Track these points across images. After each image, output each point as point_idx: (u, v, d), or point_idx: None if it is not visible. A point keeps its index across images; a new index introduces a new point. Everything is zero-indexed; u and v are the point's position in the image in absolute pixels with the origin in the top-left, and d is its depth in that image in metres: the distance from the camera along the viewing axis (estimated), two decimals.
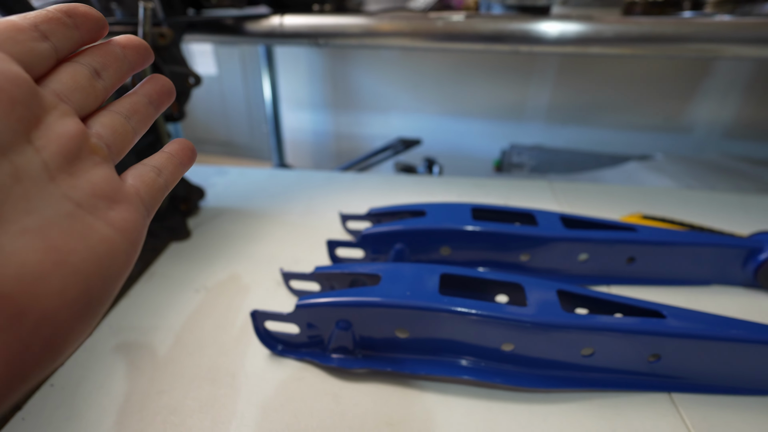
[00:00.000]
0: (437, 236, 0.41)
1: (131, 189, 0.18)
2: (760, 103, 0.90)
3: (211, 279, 0.42)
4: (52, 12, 0.17)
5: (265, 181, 0.63)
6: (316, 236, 0.48)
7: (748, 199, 0.55)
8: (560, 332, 0.29)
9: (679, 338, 0.29)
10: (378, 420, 0.28)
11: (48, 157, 0.16)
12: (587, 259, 0.40)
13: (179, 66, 0.51)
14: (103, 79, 0.18)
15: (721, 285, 0.40)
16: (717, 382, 0.30)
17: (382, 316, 0.31)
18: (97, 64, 0.18)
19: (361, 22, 0.53)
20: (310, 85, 1.21)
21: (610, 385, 0.30)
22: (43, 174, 0.15)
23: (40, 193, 0.15)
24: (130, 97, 0.20)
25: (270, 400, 0.30)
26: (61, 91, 0.17)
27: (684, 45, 0.44)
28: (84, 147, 0.17)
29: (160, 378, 0.32)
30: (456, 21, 0.49)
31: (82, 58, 0.18)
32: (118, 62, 0.19)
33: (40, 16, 0.17)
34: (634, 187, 0.61)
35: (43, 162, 0.15)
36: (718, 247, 0.39)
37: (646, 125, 1.01)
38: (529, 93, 1.05)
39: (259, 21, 0.57)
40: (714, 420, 0.28)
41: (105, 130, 0.18)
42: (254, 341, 0.34)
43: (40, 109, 0.16)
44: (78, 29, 0.17)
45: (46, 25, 0.17)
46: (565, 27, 0.47)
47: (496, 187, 0.59)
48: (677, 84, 0.95)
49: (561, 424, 0.28)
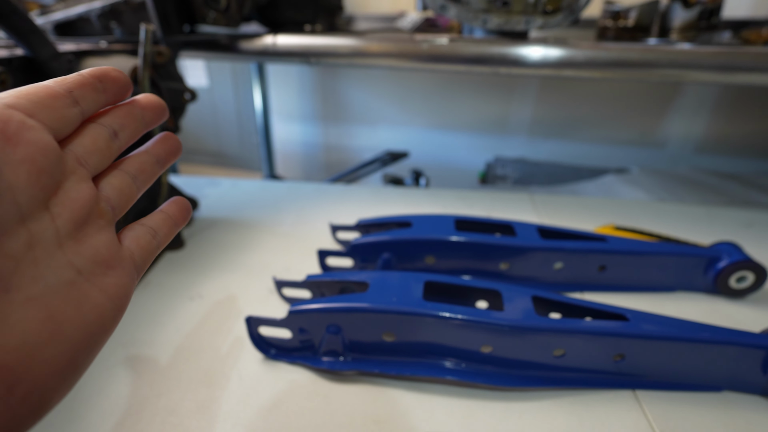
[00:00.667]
0: (422, 246, 0.44)
1: (127, 253, 0.18)
2: (726, 121, 0.95)
3: (205, 287, 0.44)
4: (87, 78, 0.18)
5: (257, 192, 0.65)
6: (307, 246, 0.50)
7: (712, 211, 0.59)
8: (534, 335, 0.32)
9: (640, 339, 0.31)
10: (366, 418, 0.30)
11: (61, 224, 0.16)
12: (562, 268, 0.43)
13: (175, 82, 0.53)
14: (119, 139, 0.19)
15: (685, 291, 0.43)
16: (676, 379, 0.33)
17: (370, 321, 0.33)
18: (117, 125, 0.19)
19: (351, 43, 0.56)
20: (301, 97, 1.24)
21: (580, 383, 0.33)
22: (54, 241, 0.16)
23: (47, 260, 0.15)
24: (139, 156, 0.20)
25: (264, 401, 0.32)
26: (81, 155, 0.18)
27: (649, 70, 0.48)
28: (93, 211, 0.17)
29: (158, 381, 0.33)
30: (440, 44, 0.52)
31: (104, 119, 0.19)
32: (135, 123, 0.20)
33: (75, 83, 0.17)
34: (609, 200, 0.65)
35: (56, 229, 0.16)
36: (681, 256, 0.42)
37: (623, 140, 1.06)
38: (512, 108, 1.09)
39: (252, 40, 0.60)
40: (672, 414, 0.31)
41: (113, 192, 0.19)
42: (248, 346, 0.36)
43: (62, 175, 0.16)
44: (106, 93, 0.18)
45: (79, 90, 0.17)
46: (541, 51, 0.51)
47: (479, 199, 0.62)
48: (651, 102, 1.00)
49: (534, 419, 0.30)
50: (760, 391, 0.32)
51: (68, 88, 0.17)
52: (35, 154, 0.15)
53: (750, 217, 0.57)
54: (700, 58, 0.47)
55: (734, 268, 0.40)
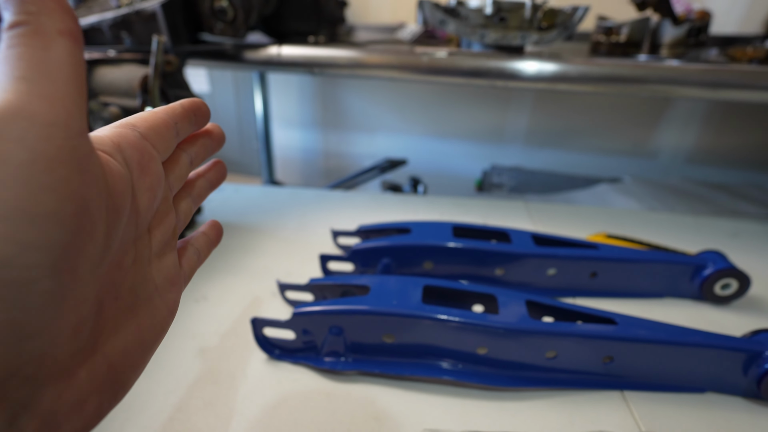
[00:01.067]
0: (421, 252, 0.45)
1: (183, 273, 0.21)
2: (716, 133, 0.98)
3: (210, 289, 0.45)
4: (186, 110, 0.20)
5: (259, 197, 0.66)
6: (308, 251, 0.51)
7: (701, 221, 0.61)
8: (527, 337, 0.33)
9: (628, 342, 0.33)
10: (366, 416, 0.32)
11: (155, 245, 0.18)
12: (555, 274, 0.44)
13: (183, 90, 0.54)
14: (193, 165, 0.21)
15: (673, 297, 0.45)
16: (661, 380, 0.34)
17: (371, 323, 0.34)
18: (194, 153, 0.21)
19: (354, 55, 0.58)
20: (301, 104, 1.26)
21: (571, 384, 0.34)
22: (147, 259, 0.18)
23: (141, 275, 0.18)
24: (199, 182, 0.23)
25: (268, 399, 0.33)
26: (172, 183, 0.20)
27: (639, 86, 0.50)
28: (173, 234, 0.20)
29: (166, 380, 0.34)
30: (439, 57, 0.54)
31: (189, 149, 0.21)
32: (206, 152, 0.22)
33: (178, 114, 0.19)
34: (601, 209, 0.67)
35: (151, 249, 0.18)
36: (669, 264, 0.44)
37: (616, 150, 1.08)
38: (508, 118, 1.11)
39: (257, 50, 0.62)
40: (658, 413, 0.32)
41: (182, 215, 0.21)
42: (253, 346, 0.37)
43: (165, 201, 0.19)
44: (195, 124, 0.20)
45: (181, 122, 0.19)
46: (537, 66, 0.53)
47: (476, 206, 0.64)
48: (644, 114, 1.03)
49: (528, 418, 0.32)
50: (740, 392, 0.33)
51: (174, 120, 0.19)
52: (155, 183, 0.17)
53: (736, 227, 0.59)
54: (687, 74, 0.49)
55: (719, 276, 0.42)
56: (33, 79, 0.12)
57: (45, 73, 0.13)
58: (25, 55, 0.12)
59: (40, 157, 0.11)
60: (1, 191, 0.11)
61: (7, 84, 0.12)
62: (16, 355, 0.11)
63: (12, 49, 0.13)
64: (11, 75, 0.12)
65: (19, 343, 0.11)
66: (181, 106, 0.20)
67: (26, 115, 0.12)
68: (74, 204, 0.12)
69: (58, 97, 0.12)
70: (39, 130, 0.12)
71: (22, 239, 0.11)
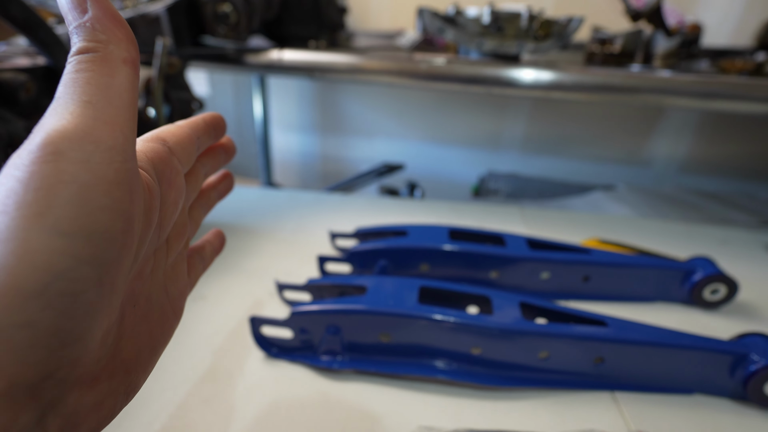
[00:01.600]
0: (417, 254, 0.46)
1: (190, 281, 0.22)
2: (708, 143, 1.00)
3: (209, 289, 0.46)
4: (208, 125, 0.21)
5: (258, 199, 0.67)
6: (306, 252, 0.52)
7: (692, 228, 0.62)
8: (520, 337, 0.34)
9: (619, 344, 0.34)
10: (362, 414, 0.32)
11: (171, 255, 0.19)
12: (549, 278, 0.45)
13: (184, 92, 0.55)
14: (205, 177, 0.22)
15: (664, 302, 0.46)
16: (651, 382, 0.35)
17: (367, 322, 0.35)
18: (209, 166, 0.22)
19: (354, 61, 0.59)
20: (300, 108, 1.27)
21: (563, 384, 0.35)
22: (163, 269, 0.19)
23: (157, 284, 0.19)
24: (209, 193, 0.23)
25: (265, 397, 0.33)
26: (189, 195, 0.21)
27: (631, 95, 0.51)
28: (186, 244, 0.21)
29: (164, 377, 0.35)
30: (438, 64, 0.56)
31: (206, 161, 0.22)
32: (219, 164, 0.23)
33: (201, 130, 0.20)
34: (595, 215, 0.68)
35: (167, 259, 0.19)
36: (660, 269, 0.45)
37: (611, 158, 1.10)
38: (505, 125, 1.13)
39: (259, 54, 0.63)
40: (647, 414, 0.33)
41: (194, 226, 0.22)
42: (251, 345, 0.38)
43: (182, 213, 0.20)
44: (213, 137, 0.21)
45: (202, 137, 0.20)
46: (532, 74, 0.54)
47: (472, 211, 0.65)
48: (638, 123, 1.04)
49: (521, 417, 0.32)
50: (727, 394, 0.34)
51: (197, 134, 0.20)
52: (178, 196, 0.18)
53: (726, 235, 0.60)
54: (678, 85, 0.50)
55: (708, 281, 0.43)
56: (98, 105, 0.13)
57: (109, 99, 0.14)
58: (93, 80, 0.14)
59: (102, 180, 0.12)
60: (64, 209, 0.12)
61: (75, 107, 0.13)
62: (57, 359, 0.12)
63: (81, 73, 0.14)
64: (79, 98, 0.13)
65: (61, 349, 0.12)
66: (204, 121, 0.21)
67: (92, 139, 0.13)
68: (124, 222, 0.13)
69: (118, 123, 0.13)
70: (102, 154, 0.13)
71: (78, 254, 0.12)
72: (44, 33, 0.39)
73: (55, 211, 0.12)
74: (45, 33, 0.39)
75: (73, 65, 0.14)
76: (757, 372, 0.32)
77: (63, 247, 0.11)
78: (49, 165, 0.12)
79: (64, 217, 0.12)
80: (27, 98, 0.37)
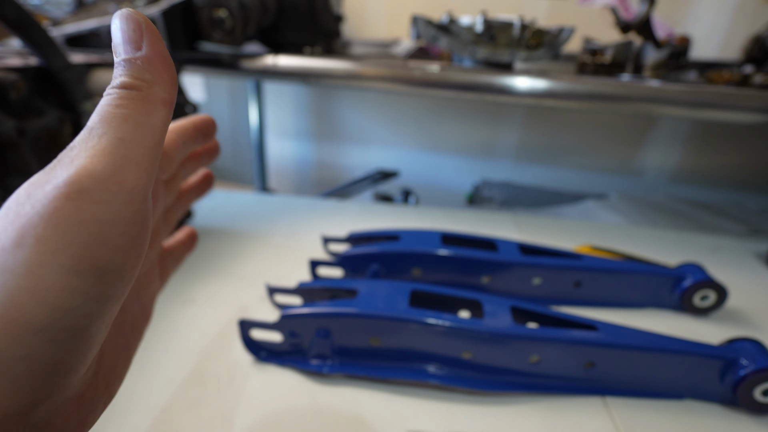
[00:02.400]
0: (410, 259, 0.46)
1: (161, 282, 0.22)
2: (698, 154, 1.01)
3: (198, 292, 0.45)
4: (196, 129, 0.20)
5: (251, 204, 0.67)
6: (298, 256, 0.52)
7: (683, 236, 0.63)
8: (511, 342, 0.34)
9: (609, 348, 0.34)
10: (351, 418, 0.32)
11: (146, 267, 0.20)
12: (540, 283, 0.45)
13: (178, 96, 0.55)
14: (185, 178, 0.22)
15: (654, 308, 0.46)
16: (642, 387, 0.35)
17: (358, 326, 0.35)
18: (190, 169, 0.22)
19: (348, 67, 0.59)
20: (296, 115, 1.27)
21: (553, 389, 0.35)
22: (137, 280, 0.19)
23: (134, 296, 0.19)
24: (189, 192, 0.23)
25: (253, 400, 0.33)
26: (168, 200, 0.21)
27: (622, 103, 0.52)
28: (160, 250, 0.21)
29: (150, 381, 0.34)
30: (432, 71, 0.56)
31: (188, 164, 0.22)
32: (201, 165, 0.23)
33: (188, 134, 0.20)
34: (588, 222, 0.68)
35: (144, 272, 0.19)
36: (650, 275, 0.45)
37: (604, 168, 1.11)
38: (499, 134, 1.14)
39: (254, 59, 0.63)
40: (638, 419, 0.33)
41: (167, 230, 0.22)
42: (239, 348, 0.37)
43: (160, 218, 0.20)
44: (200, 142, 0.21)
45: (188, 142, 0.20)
46: (525, 82, 0.55)
47: (465, 217, 0.65)
48: (630, 133, 1.06)
49: (511, 422, 0.32)
50: (717, 399, 0.34)
51: (183, 140, 0.20)
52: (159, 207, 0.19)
53: (716, 243, 0.61)
54: (667, 94, 0.51)
55: (697, 287, 0.43)
56: (131, 144, 0.13)
57: (141, 139, 0.14)
58: (131, 118, 0.14)
59: (120, 220, 0.12)
60: (81, 248, 0.12)
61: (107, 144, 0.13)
62: (50, 387, 0.12)
63: (120, 109, 0.14)
64: (114, 135, 0.13)
65: (56, 379, 0.12)
66: (193, 125, 0.20)
67: (117, 180, 0.13)
68: (135, 259, 0.13)
69: (143, 162, 0.13)
70: (125, 195, 0.13)
71: (88, 292, 0.12)
72: (37, 34, 0.39)
73: (72, 249, 0.12)
74: (38, 34, 0.39)
75: (114, 98, 0.14)
76: (747, 377, 0.32)
77: (75, 285, 0.12)
78: (73, 204, 0.12)
79: (80, 255, 0.12)
80: (17, 98, 0.37)
